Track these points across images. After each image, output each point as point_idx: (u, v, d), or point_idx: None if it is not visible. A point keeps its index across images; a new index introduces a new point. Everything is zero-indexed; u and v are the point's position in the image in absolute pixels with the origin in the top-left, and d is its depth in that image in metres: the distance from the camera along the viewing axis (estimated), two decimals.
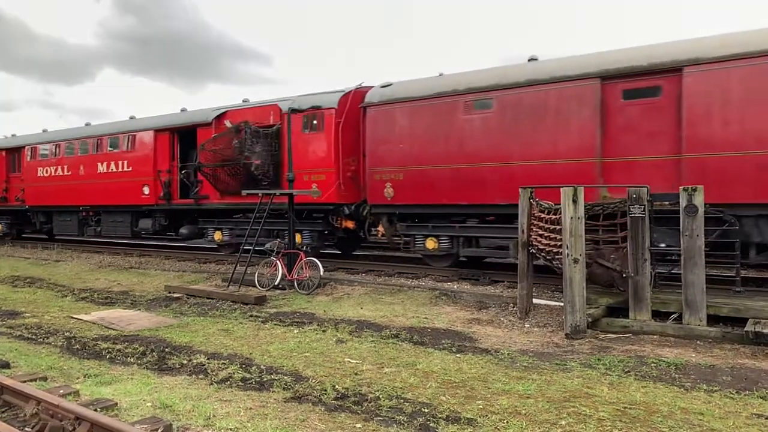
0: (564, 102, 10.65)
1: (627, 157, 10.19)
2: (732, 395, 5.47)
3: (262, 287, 11.93)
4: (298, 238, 14.14)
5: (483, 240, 11.95)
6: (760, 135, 9.09)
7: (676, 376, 6.09)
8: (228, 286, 12.14)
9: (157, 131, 17.61)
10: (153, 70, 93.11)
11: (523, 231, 9.22)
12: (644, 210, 8.00)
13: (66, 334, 8.53)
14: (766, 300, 8.03)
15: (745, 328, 7.26)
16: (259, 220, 12.67)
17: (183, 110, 18.20)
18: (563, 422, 4.82)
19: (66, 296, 12.31)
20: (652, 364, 6.48)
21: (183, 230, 17.53)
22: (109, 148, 18.94)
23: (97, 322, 9.42)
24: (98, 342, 7.97)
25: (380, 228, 13.64)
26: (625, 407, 5.14)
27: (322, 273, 11.80)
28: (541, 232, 8.92)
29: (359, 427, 4.80)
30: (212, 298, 11.42)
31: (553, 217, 8.54)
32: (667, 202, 8.67)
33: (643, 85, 10.08)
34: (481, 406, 5.22)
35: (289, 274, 12.07)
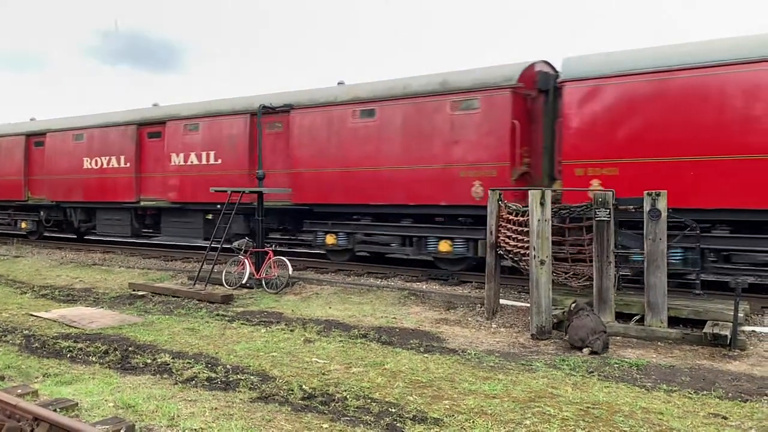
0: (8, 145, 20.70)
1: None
2: (690, 395, 5.62)
3: (230, 286, 11.80)
4: None
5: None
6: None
7: (638, 376, 6.24)
8: (194, 284, 11.98)
9: None
10: (116, 61, 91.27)
11: (491, 232, 9.30)
12: (609, 213, 8.16)
13: (25, 332, 8.29)
14: (724, 302, 8.28)
15: (704, 330, 7.49)
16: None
17: None
18: (528, 422, 4.89)
19: (25, 293, 11.97)
20: (615, 365, 6.63)
21: None
22: None
23: (57, 319, 9.19)
24: (59, 340, 7.77)
25: None
26: (588, 407, 5.24)
27: (291, 272, 11.72)
28: (509, 233, 9.02)
29: (326, 428, 4.79)
30: (178, 297, 11.24)
31: (521, 219, 8.64)
32: None
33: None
34: (447, 406, 5.26)
35: (257, 273, 11.97)
